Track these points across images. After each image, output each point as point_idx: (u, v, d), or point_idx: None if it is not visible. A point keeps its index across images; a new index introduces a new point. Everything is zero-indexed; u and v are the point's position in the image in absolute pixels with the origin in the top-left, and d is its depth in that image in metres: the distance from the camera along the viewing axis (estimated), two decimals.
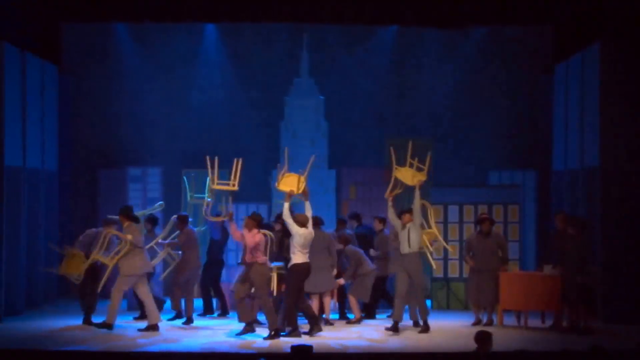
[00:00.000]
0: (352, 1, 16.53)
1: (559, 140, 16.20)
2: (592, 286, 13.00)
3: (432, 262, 13.84)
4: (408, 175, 13.23)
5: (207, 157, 12.79)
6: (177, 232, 14.08)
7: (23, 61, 14.97)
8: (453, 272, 15.93)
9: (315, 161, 17.21)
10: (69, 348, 11.51)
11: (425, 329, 12.96)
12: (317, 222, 13.88)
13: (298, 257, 12.49)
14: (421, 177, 13.26)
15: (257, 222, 12.60)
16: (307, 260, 12.55)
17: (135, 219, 13.15)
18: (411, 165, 13.31)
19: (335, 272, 13.86)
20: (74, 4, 16.62)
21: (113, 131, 17.65)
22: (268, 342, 12.11)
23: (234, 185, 12.85)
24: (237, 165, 12.88)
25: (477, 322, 13.78)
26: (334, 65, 17.98)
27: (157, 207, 14.41)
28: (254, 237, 12.50)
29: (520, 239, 16.13)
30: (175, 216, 14.21)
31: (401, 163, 13.35)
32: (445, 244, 14.39)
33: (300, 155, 17.28)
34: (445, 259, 15.94)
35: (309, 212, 12.77)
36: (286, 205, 12.57)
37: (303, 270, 12.53)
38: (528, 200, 17.13)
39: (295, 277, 12.52)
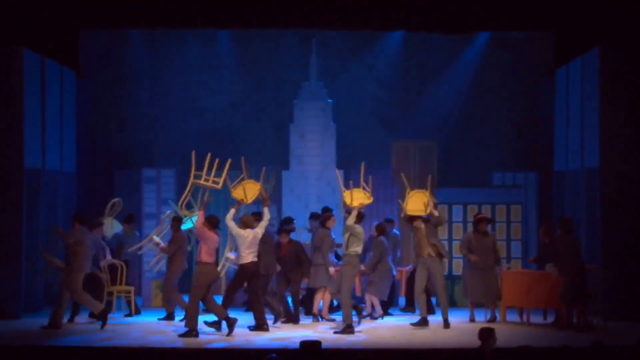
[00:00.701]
0: (360, 7, 16.45)
1: (560, 142, 16.10)
2: (587, 284, 12.88)
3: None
4: (351, 196, 12.94)
5: (194, 152, 12.85)
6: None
7: (42, 67, 14.99)
8: (457, 270, 15.84)
9: (324, 162, 17.33)
10: (83, 344, 11.48)
11: (346, 329, 12.51)
12: (324, 221, 13.85)
13: (244, 258, 12.69)
14: (364, 200, 12.97)
15: (211, 224, 12.50)
16: (254, 260, 12.69)
17: (83, 221, 13.18)
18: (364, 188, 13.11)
19: (332, 270, 13.70)
20: (91, 11, 16.58)
21: (129, 134, 17.69)
22: (276, 337, 12.06)
23: (216, 183, 12.78)
24: (226, 165, 12.86)
25: (473, 319, 13.72)
26: (341, 69, 17.97)
27: (116, 207, 14.31)
28: (205, 236, 12.44)
29: (523, 238, 16.05)
30: (169, 212, 14.19)
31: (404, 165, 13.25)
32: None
33: (309, 156, 17.27)
34: (450, 257, 15.86)
35: (266, 217, 12.90)
36: (232, 210, 12.70)
37: (248, 270, 12.69)
38: (530, 200, 17.04)
39: (239, 276, 12.76)
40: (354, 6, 16.41)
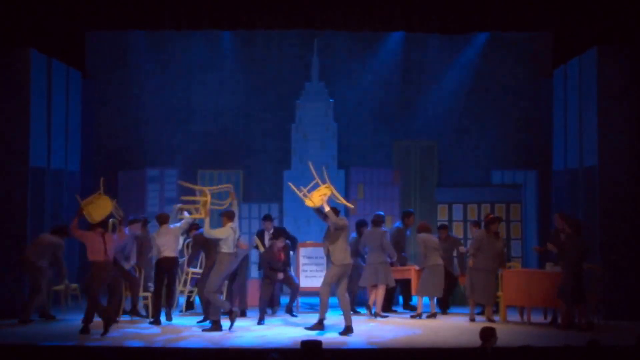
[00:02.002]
0: (361, 8, 16.20)
1: (559, 141, 15.85)
2: (586, 283, 12.51)
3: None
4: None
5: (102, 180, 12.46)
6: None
7: (49, 67, 14.80)
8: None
9: (326, 162, 17.08)
10: (88, 344, 11.17)
11: (213, 326, 12.24)
12: (377, 222, 13.74)
13: (161, 253, 12.92)
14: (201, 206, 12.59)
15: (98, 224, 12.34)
16: (168, 256, 12.82)
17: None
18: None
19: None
20: (97, 13, 16.35)
21: (133, 134, 17.56)
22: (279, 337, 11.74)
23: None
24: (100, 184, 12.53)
25: (473, 319, 13.33)
26: (343, 70, 17.81)
27: None
28: (86, 236, 12.24)
29: (522, 237, 15.77)
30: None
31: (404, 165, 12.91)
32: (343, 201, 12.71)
33: (310, 156, 17.03)
34: (451, 256, 15.55)
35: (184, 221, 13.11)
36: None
37: (163, 265, 12.97)
38: (529, 199, 16.81)
39: (158, 272, 13.05)
40: (355, 7, 16.15)
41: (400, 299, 14.83)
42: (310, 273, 14.41)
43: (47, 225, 14.30)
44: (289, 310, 13.70)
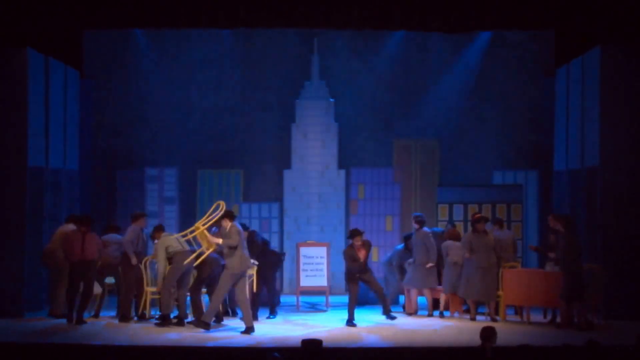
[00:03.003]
0: (361, 7, 16.35)
1: (560, 141, 15.96)
2: (585, 282, 12.74)
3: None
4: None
5: None
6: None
7: (47, 66, 14.88)
8: None
9: (326, 161, 17.22)
10: (85, 342, 11.36)
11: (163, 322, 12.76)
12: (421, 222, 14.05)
13: None
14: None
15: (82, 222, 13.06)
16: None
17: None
18: None
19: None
20: (95, 11, 16.50)
21: (131, 133, 17.60)
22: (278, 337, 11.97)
23: None
24: None
25: (474, 318, 13.57)
26: (343, 69, 17.82)
27: None
28: (66, 239, 13.02)
29: (523, 237, 15.90)
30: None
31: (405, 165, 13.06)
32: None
33: (310, 155, 17.16)
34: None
35: None
36: None
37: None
38: (530, 199, 16.91)
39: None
40: (355, 6, 16.30)
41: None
42: (311, 272, 14.63)
43: (45, 225, 14.48)
44: (387, 312, 13.48)
